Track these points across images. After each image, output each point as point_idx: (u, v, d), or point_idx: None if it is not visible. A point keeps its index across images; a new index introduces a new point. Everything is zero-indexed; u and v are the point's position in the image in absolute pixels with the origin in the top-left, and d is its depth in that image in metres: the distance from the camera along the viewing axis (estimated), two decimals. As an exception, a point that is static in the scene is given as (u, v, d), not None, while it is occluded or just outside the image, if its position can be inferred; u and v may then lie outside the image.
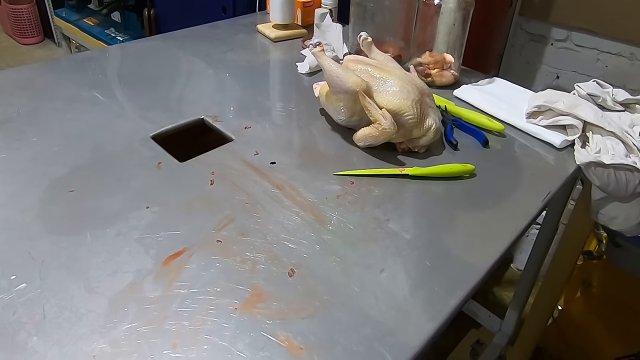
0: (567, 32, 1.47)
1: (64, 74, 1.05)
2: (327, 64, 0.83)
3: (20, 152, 0.79)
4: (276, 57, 1.23)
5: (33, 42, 3.17)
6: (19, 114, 0.89)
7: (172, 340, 0.52)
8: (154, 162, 0.79)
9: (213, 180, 0.75)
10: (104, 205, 0.69)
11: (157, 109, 0.93)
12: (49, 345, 0.50)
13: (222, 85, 1.06)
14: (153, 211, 0.68)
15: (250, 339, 0.52)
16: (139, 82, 1.03)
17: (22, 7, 3.02)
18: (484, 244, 0.68)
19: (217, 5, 1.66)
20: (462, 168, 0.80)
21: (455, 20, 1.04)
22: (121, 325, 0.53)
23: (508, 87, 1.09)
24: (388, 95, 0.81)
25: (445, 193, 0.77)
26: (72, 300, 0.55)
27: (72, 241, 0.63)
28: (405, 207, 0.74)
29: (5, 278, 0.57)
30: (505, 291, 1.69)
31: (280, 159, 0.81)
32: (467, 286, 0.61)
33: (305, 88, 1.06)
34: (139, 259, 0.61)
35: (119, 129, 0.86)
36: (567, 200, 1.11)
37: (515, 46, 1.59)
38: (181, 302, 0.56)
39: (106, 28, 2.50)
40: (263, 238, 0.65)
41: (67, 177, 0.74)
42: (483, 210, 0.74)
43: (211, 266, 0.61)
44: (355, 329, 0.54)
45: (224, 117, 0.92)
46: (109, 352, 0.50)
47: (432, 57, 1.08)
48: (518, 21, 1.55)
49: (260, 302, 0.56)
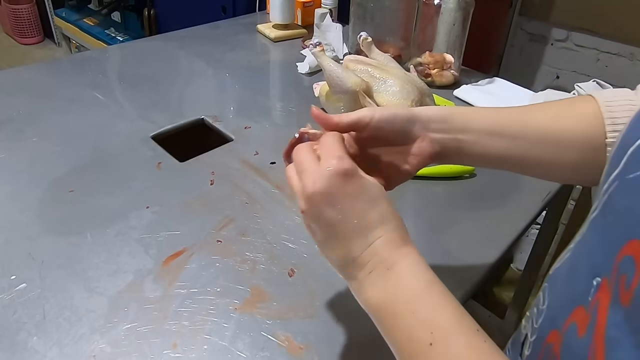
0: (567, 32, 1.47)
1: (64, 74, 1.05)
2: (327, 64, 0.83)
3: (20, 152, 0.79)
4: (276, 57, 1.23)
5: (33, 42, 3.17)
6: (19, 114, 0.89)
7: (172, 340, 0.52)
8: (154, 162, 0.79)
9: (213, 180, 0.75)
10: (104, 205, 0.69)
11: (157, 109, 0.93)
12: (49, 345, 0.50)
13: (222, 85, 1.06)
14: (153, 211, 0.68)
15: (250, 339, 0.52)
16: (139, 82, 1.03)
17: (22, 7, 3.02)
18: (484, 244, 0.68)
19: (217, 5, 1.66)
20: (462, 168, 0.80)
21: (455, 20, 1.04)
22: (121, 325, 0.53)
23: (508, 87, 1.09)
24: (388, 95, 0.81)
25: (445, 193, 0.77)
26: (72, 300, 0.55)
27: (72, 241, 0.63)
28: (405, 207, 0.74)
29: (5, 278, 0.57)
30: (505, 291, 1.69)
31: (280, 159, 0.81)
32: (467, 286, 0.61)
33: (305, 88, 1.06)
34: (139, 259, 0.61)
35: (119, 129, 0.86)
36: (567, 200, 1.11)
37: (515, 46, 1.59)
38: (181, 302, 0.56)
39: (106, 28, 2.50)
40: (263, 238, 0.65)
41: (67, 177, 0.74)
42: (483, 210, 0.74)
43: (211, 266, 0.61)
44: (355, 329, 0.54)
45: (224, 117, 0.92)
46: (109, 352, 0.50)
47: (432, 57, 1.08)
48: (518, 21, 1.55)
49: (260, 302, 0.56)
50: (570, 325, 0.34)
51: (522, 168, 0.49)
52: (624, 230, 0.30)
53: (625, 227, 0.30)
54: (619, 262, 0.29)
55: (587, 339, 0.31)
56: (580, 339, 0.32)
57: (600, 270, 0.32)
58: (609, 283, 0.30)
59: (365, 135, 0.45)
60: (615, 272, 0.29)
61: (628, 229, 0.29)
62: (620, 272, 0.29)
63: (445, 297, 0.36)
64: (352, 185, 0.39)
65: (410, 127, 0.45)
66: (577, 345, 0.32)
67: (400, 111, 0.45)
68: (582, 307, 0.33)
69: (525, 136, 0.46)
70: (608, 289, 0.30)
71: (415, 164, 0.47)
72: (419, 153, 0.46)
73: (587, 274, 0.33)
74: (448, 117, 0.46)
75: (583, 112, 0.46)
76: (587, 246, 0.36)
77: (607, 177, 0.34)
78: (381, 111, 0.45)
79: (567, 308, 0.35)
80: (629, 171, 0.31)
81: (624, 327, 0.27)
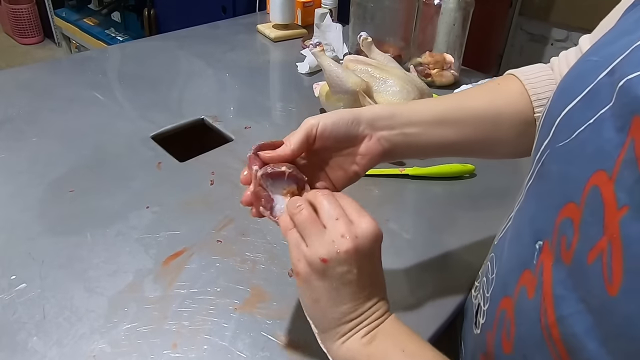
0: (567, 32, 1.47)
1: (64, 74, 1.05)
2: (327, 64, 0.83)
3: (20, 152, 0.79)
4: (276, 57, 1.23)
5: (33, 42, 3.17)
6: (19, 114, 0.89)
7: (172, 340, 0.52)
8: (154, 162, 0.79)
9: (213, 180, 0.75)
10: (104, 205, 0.69)
11: (157, 109, 0.93)
12: (49, 345, 0.50)
13: (222, 85, 1.06)
14: (153, 211, 0.68)
15: (250, 339, 0.52)
16: (139, 82, 1.03)
17: (22, 7, 3.02)
18: (484, 244, 0.68)
19: (217, 5, 1.67)
20: (462, 168, 0.80)
21: (455, 20, 1.04)
22: (121, 325, 0.53)
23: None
24: (388, 95, 0.81)
25: (445, 193, 0.77)
26: (72, 300, 0.55)
27: (72, 241, 0.63)
28: (405, 207, 0.74)
29: (5, 278, 0.57)
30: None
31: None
32: (467, 286, 0.61)
33: (305, 88, 1.06)
34: (139, 259, 0.61)
35: (119, 129, 0.86)
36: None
37: (515, 46, 1.59)
38: (181, 302, 0.56)
39: (106, 28, 2.50)
40: (263, 238, 0.65)
41: (67, 177, 0.74)
42: (483, 210, 0.74)
43: (211, 266, 0.61)
44: (355, 329, 0.54)
45: (224, 117, 0.92)
46: (109, 352, 0.50)
47: (432, 57, 1.08)
48: (518, 21, 1.55)
49: (260, 302, 0.56)
50: (521, 289, 0.35)
51: (467, 152, 0.53)
52: (560, 195, 0.31)
53: (561, 192, 0.31)
54: (558, 225, 0.31)
55: (536, 300, 0.32)
56: (531, 301, 0.33)
57: (541, 234, 0.34)
58: (550, 245, 0.32)
59: (316, 146, 0.46)
60: (556, 234, 0.31)
61: (564, 193, 0.31)
62: (561, 234, 0.30)
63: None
64: (325, 279, 0.39)
65: (356, 128, 0.46)
66: (529, 307, 0.34)
67: (344, 114, 0.46)
68: (528, 270, 0.35)
69: (466, 121, 0.49)
70: (550, 250, 0.32)
71: (364, 163, 0.47)
72: (367, 153, 0.47)
73: (530, 238, 0.35)
74: (392, 113, 0.47)
75: (510, 91, 0.50)
76: (527, 212, 0.38)
77: (539, 146, 0.37)
78: (324, 118, 0.45)
79: (515, 273, 0.37)
80: (558, 140, 0.33)
81: (568, 284, 0.29)
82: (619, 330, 0.25)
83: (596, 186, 0.27)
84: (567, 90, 0.34)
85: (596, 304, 0.26)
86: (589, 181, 0.28)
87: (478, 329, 0.45)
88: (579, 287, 0.28)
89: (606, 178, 0.26)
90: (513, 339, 0.36)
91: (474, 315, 0.48)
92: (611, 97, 0.28)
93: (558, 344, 0.30)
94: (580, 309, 0.28)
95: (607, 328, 0.26)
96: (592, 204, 0.27)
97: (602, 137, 0.28)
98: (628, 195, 0.25)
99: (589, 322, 0.27)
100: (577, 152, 0.30)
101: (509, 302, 0.37)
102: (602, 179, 0.27)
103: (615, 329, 0.25)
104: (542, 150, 0.36)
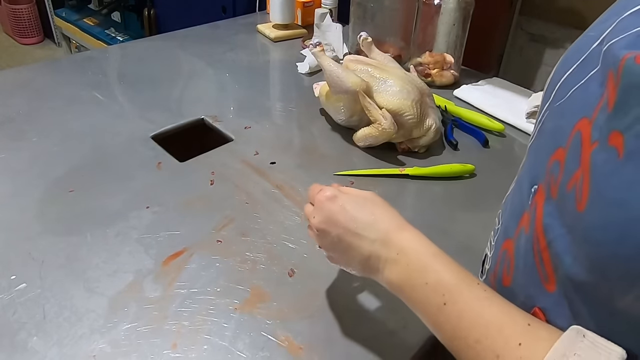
0: (567, 32, 1.47)
1: (64, 74, 1.05)
2: (327, 64, 0.83)
3: (20, 152, 0.79)
4: (276, 57, 1.23)
5: (33, 42, 3.17)
6: (19, 114, 0.89)
7: (172, 340, 0.52)
8: (154, 162, 0.79)
9: (213, 180, 0.75)
10: (104, 205, 0.69)
11: (157, 109, 0.93)
12: (49, 345, 0.50)
13: (222, 85, 1.06)
14: (153, 211, 0.68)
15: (250, 339, 0.52)
16: (139, 82, 1.03)
17: (22, 7, 3.01)
18: (484, 244, 0.68)
19: (217, 5, 1.66)
20: (462, 168, 0.80)
21: (455, 20, 1.04)
22: (121, 325, 0.53)
23: (508, 87, 1.09)
24: (388, 95, 0.81)
25: (445, 193, 0.77)
26: (72, 300, 0.55)
27: (72, 241, 0.63)
28: (405, 207, 0.74)
29: (5, 278, 0.57)
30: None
31: (280, 159, 0.81)
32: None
33: (305, 88, 1.06)
34: (139, 259, 0.61)
35: (119, 129, 0.86)
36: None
37: (515, 46, 1.59)
38: (181, 302, 0.56)
39: (106, 28, 2.50)
40: (263, 238, 0.65)
41: (67, 177, 0.74)
42: (483, 210, 0.74)
43: (211, 266, 0.61)
44: (355, 329, 0.54)
45: (224, 117, 0.92)
46: (109, 352, 0.50)
47: (432, 57, 1.08)
48: (518, 21, 1.55)
49: (260, 302, 0.56)
50: (520, 230, 0.40)
51: None
52: (553, 143, 0.36)
53: (553, 141, 0.36)
54: (549, 168, 0.36)
55: (530, 233, 0.37)
56: (526, 235, 0.38)
57: (536, 179, 0.38)
58: (543, 186, 0.37)
59: None
60: (547, 175, 0.36)
61: (555, 141, 0.35)
62: (551, 174, 0.35)
63: (447, 263, 0.41)
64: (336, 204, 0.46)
65: None
66: (524, 241, 0.38)
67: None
68: (526, 212, 0.39)
69: None
70: (543, 191, 0.36)
71: None
72: None
73: (528, 185, 0.40)
74: None
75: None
76: (526, 167, 0.42)
77: (542, 107, 0.41)
78: None
79: (516, 218, 0.41)
80: (556, 100, 0.38)
81: (555, 214, 0.34)
82: (585, 239, 0.30)
83: (579, 131, 0.32)
84: (567, 60, 0.38)
85: (570, 221, 0.32)
86: (575, 127, 0.33)
87: (484, 275, 0.49)
88: (562, 213, 0.33)
89: (587, 122, 0.31)
90: (512, 273, 0.40)
91: (480, 265, 0.51)
92: (598, 61, 0.33)
93: (547, 265, 0.35)
94: (562, 232, 0.32)
95: (577, 239, 0.31)
96: (575, 145, 0.32)
97: (588, 92, 0.33)
98: (599, 132, 0.29)
99: (567, 240, 0.32)
100: (569, 107, 0.36)
101: (510, 243, 0.41)
102: (584, 123, 0.32)
103: (583, 238, 0.30)
104: (544, 110, 0.40)
